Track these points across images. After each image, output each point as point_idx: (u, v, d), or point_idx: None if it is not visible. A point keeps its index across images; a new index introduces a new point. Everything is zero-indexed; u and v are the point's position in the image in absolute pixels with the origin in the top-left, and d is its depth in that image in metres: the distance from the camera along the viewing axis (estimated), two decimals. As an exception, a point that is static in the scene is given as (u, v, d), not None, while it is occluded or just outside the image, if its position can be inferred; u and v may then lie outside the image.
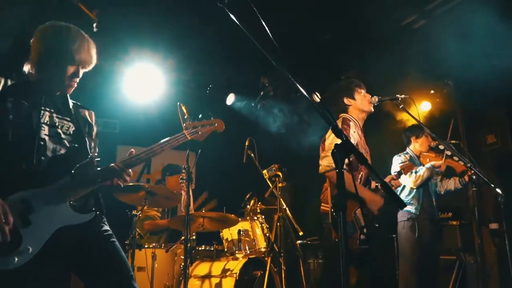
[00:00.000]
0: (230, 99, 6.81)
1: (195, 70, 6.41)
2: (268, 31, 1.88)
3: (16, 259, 1.99)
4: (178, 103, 3.63)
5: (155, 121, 6.24)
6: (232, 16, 1.93)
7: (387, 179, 3.77)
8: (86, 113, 2.54)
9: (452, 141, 4.36)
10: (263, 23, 1.89)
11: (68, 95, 2.42)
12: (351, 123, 3.51)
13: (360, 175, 3.49)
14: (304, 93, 1.73)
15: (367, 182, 3.56)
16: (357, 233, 3.26)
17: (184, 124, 2.60)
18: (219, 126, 2.66)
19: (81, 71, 2.35)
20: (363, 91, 3.68)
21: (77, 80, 2.36)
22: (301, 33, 5.63)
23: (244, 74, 6.52)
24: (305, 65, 6.02)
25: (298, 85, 1.75)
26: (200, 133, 2.57)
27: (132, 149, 2.37)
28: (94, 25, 4.72)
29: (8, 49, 4.63)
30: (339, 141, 1.63)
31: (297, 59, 5.88)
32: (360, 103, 3.61)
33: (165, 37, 5.50)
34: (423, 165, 4.43)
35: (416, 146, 4.84)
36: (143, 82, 6.02)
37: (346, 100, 3.64)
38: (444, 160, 3.99)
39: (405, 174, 3.70)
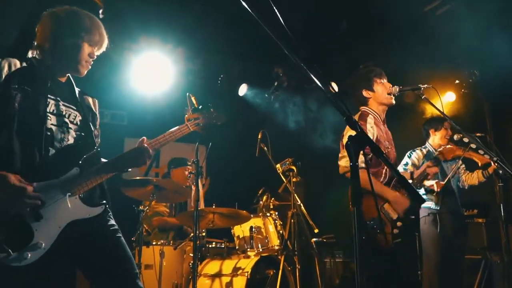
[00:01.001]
0: (243, 89, 6.82)
1: (206, 59, 6.40)
2: (281, 18, 1.87)
3: (29, 255, 2.02)
4: (188, 93, 3.67)
5: (163, 112, 6.28)
6: (243, 2, 1.93)
7: (423, 168, 3.76)
8: (90, 100, 2.56)
9: (478, 134, 4.30)
10: (275, 10, 1.89)
11: (73, 82, 2.46)
12: (369, 118, 3.47)
13: (384, 170, 3.45)
14: (318, 83, 1.73)
15: (393, 177, 3.53)
16: (388, 227, 3.27)
17: (186, 115, 2.71)
18: (219, 118, 2.77)
19: (95, 52, 2.39)
20: (383, 80, 3.62)
21: (91, 61, 2.40)
22: (318, 20, 5.60)
23: (257, 64, 6.51)
24: (322, 53, 6.00)
25: (311, 75, 1.74)
26: (201, 124, 2.69)
27: (144, 137, 2.40)
28: (100, 11, 4.74)
29: (15, 39, 4.70)
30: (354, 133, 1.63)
31: (313, 48, 5.85)
32: (380, 95, 3.55)
33: (175, 25, 5.52)
34: (446, 161, 4.38)
35: (435, 139, 4.84)
36: (152, 72, 6.05)
37: (365, 93, 3.59)
38: (463, 153, 3.95)
39: (442, 159, 3.69)
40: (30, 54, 2.34)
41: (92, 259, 2.25)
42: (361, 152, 1.62)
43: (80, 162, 2.22)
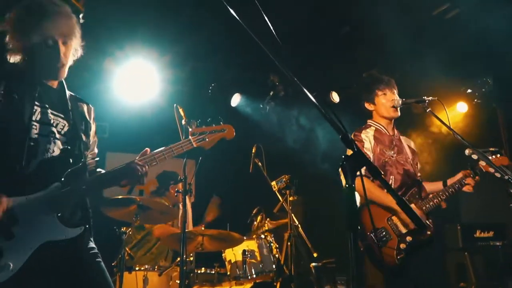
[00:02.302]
0: (235, 100, 6.85)
1: (195, 67, 6.43)
2: (270, 25, 1.90)
3: None
4: (175, 105, 3.69)
5: (149, 124, 6.30)
6: (230, 10, 1.96)
7: (459, 176, 3.72)
8: (85, 108, 2.58)
9: (491, 149, 4.33)
10: (265, 16, 1.92)
11: (65, 88, 2.47)
12: (369, 129, 3.71)
13: (391, 181, 3.56)
14: (310, 96, 1.75)
15: (402, 186, 3.63)
16: (393, 241, 3.34)
17: (190, 129, 2.64)
18: (229, 133, 2.70)
19: (71, 43, 2.38)
20: (386, 91, 3.73)
21: (67, 53, 2.37)
22: (320, 25, 5.65)
23: (251, 72, 6.54)
24: (325, 60, 6.05)
25: (304, 89, 1.77)
26: (207, 139, 2.62)
27: (147, 149, 2.43)
28: (81, 16, 4.80)
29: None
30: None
31: (315, 54, 5.90)
32: (381, 108, 3.75)
33: (162, 30, 5.55)
34: None
35: None
36: (136, 81, 6.08)
37: (367, 105, 3.83)
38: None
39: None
40: (10, 58, 2.35)
41: (67, 285, 2.25)
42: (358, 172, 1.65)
43: (63, 177, 2.23)
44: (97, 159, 2.54)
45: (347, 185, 1.59)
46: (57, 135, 2.33)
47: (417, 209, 3.47)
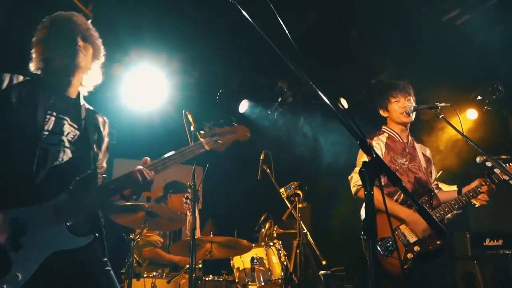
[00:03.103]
0: (243, 106, 6.84)
1: (203, 73, 6.43)
2: (286, 30, 1.88)
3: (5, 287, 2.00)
4: (184, 111, 3.66)
5: (157, 131, 6.29)
6: (244, 12, 1.94)
7: (475, 183, 3.62)
8: (100, 120, 2.58)
9: (503, 156, 4.28)
10: (280, 20, 1.89)
11: (81, 97, 2.49)
12: (381, 136, 3.74)
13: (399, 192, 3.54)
14: (328, 102, 1.72)
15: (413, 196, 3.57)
16: (400, 251, 3.33)
17: (203, 132, 2.55)
18: (243, 134, 2.62)
19: (91, 49, 2.47)
20: (400, 98, 3.73)
21: (87, 51, 2.45)
22: (328, 30, 5.64)
23: (259, 78, 6.54)
24: (332, 65, 6.02)
25: (320, 93, 1.74)
26: (221, 142, 2.53)
27: (147, 158, 2.39)
28: (89, 21, 4.80)
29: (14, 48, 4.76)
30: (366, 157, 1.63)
31: (322, 59, 5.88)
32: (394, 114, 3.78)
33: (169, 36, 5.55)
34: None
35: None
36: (144, 87, 6.07)
37: (381, 112, 3.87)
38: None
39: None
40: (32, 68, 2.40)
41: None
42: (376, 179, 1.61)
43: (71, 185, 2.20)
44: (105, 175, 2.50)
45: (366, 192, 1.56)
46: (67, 144, 2.32)
47: None
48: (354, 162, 3.81)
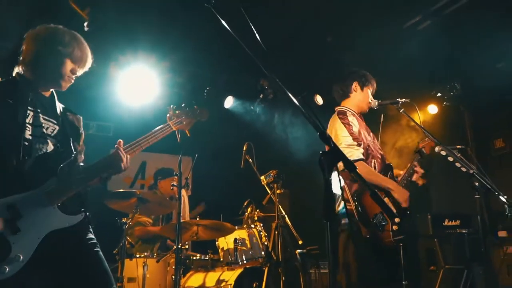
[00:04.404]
0: (228, 102, 6.83)
1: (191, 72, 6.42)
2: (256, 33, 1.88)
3: (7, 269, 2.00)
4: (171, 105, 3.66)
5: (150, 124, 6.20)
6: (219, 17, 1.94)
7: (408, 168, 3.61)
8: (74, 118, 2.56)
9: (458, 146, 4.34)
10: (251, 24, 1.90)
11: (55, 97, 2.47)
12: (348, 112, 3.52)
13: (372, 164, 3.46)
14: (293, 98, 1.73)
15: (382, 171, 3.52)
16: (389, 225, 3.24)
17: (168, 115, 2.64)
18: (203, 115, 2.71)
19: (78, 69, 2.41)
20: (371, 88, 3.70)
21: (73, 77, 2.41)
22: (303, 36, 5.65)
23: (243, 76, 6.53)
24: (306, 68, 6.04)
25: (286, 91, 1.75)
26: (184, 123, 2.63)
27: (120, 140, 2.39)
28: (85, 24, 4.75)
29: (9, 53, 4.69)
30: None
31: (298, 62, 5.89)
32: (363, 98, 3.64)
33: (160, 38, 5.52)
34: None
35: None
36: (138, 84, 6.04)
37: (354, 85, 3.65)
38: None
39: (427, 152, 3.65)
40: (15, 70, 2.37)
41: (68, 273, 2.22)
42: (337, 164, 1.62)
43: (58, 171, 2.21)
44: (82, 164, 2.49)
45: (324, 179, 1.57)
46: (48, 137, 2.32)
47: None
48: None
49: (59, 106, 2.48)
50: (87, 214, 2.32)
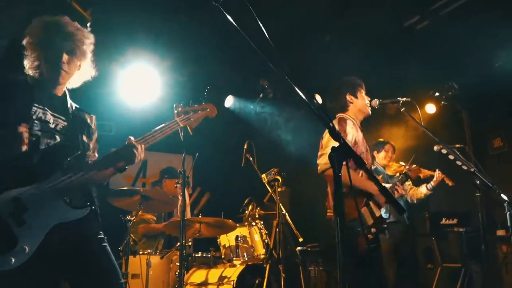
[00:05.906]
0: (229, 101, 6.82)
1: (192, 71, 6.40)
2: (265, 32, 1.87)
3: (13, 260, 2.00)
4: (174, 104, 3.64)
5: (151, 123, 6.19)
6: (227, 15, 1.93)
7: (391, 186, 3.75)
8: (87, 116, 2.56)
9: (457, 145, 4.36)
10: (260, 23, 1.89)
11: (68, 96, 2.45)
12: (348, 121, 3.50)
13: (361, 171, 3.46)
14: (301, 94, 1.73)
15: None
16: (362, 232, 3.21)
17: (176, 111, 2.61)
18: (211, 111, 2.68)
19: (77, 62, 2.39)
20: (363, 92, 3.70)
21: (71, 68, 2.37)
22: (300, 35, 5.64)
23: (243, 76, 6.52)
24: (304, 67, 6.03)
25: (295, 88, 1.75)
26: (192, 119, 2.60)
27: (131, 137, 2.38)
28: (88, 24, 4.73)
29: (4, 50, 4.66)
30: (335, 141, 1.64)
31: (295, 62, 5.88)
32: (361, 103, 3.62)
33: (162, 37, 5.51)
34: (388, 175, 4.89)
35: (378, 159, 5.56)
36: (140, 84, 6.01)
37: (348, 97, 3.63)
38: (406, 168, 4.33)
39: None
40: (26, 66, 2.35)
41: (76, 267, 2.22)
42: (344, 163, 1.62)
43: (64, 165, 2.20)
44: (90, 162, 2.46)
45: (334, 175, 1.57)
46: (56, 133, 2.31)
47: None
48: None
49: (72, 105, 2.47)
50: (94, 208, 2.31)
